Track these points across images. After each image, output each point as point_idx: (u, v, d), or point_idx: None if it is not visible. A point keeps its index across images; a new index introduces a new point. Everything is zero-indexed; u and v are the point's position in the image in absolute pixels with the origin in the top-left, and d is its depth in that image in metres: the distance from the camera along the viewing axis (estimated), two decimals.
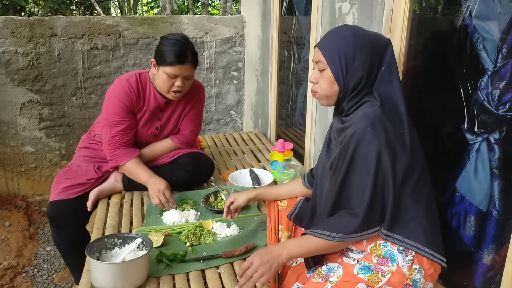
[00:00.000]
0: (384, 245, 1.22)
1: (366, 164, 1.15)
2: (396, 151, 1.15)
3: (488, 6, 1.21)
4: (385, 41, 1.26)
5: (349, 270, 1.22)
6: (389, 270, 1.19)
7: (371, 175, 1.15)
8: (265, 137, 3.17)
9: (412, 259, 1.19)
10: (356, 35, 1.22)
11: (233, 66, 3.74)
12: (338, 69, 1.22)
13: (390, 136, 1.15)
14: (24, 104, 3.20)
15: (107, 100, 1.97)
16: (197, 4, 11.01)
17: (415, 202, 1.19)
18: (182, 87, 1.89)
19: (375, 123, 1.15)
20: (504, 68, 1.17)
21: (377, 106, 1.18)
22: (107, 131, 1.95)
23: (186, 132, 2.14)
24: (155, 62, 1.90)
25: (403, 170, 1.16)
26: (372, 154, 1.14)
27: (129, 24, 3.32)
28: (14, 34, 3.03)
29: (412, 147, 1.19)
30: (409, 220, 1.19)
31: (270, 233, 1.55)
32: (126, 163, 1.96)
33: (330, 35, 1.27)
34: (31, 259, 2.77)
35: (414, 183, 1.19)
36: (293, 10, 2.68)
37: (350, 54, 1.20)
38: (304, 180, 1.63)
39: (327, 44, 1.25)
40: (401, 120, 1.20)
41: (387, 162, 1.14)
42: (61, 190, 1.96)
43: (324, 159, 1.42)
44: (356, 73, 1.21)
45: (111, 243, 1.48)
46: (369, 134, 1.14)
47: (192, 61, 1.89)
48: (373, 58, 1.21)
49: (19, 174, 3.36)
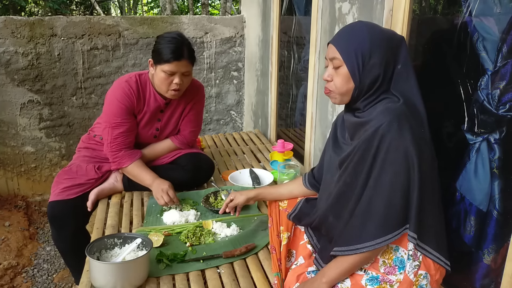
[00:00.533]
0: (396, 249, 1.18)
1: (392, 161, 1.11)
2: (422, 150, 1.12)
3: (488, 6, 1.21)
4: (399, 37, 1.24)
5: (356, 281, 1.20)
6: (396, 280, 1.16)
7: (398, 173, 1.11)
8: (265, 137, 3.16)
9: (419, 265, 1.17)
10: (372, 31, 1.20)
11: (233, 66, 3.74)
12: (355, 66, 1.19)
13: (415, 133, 1.12)
14: (24, 104, 3.20)
15: (107, 102, 1.97)
16: (197, 4, 11.01)
17: (430, 203, 1.16)
18: (180, 84, 1.89)
19: (401, 119, 1.12)
20: (504, 68, 1.17)
21: (401, 102, 1.16)
22: (109, 133, 1.94)
23: (186, 133, 2.14)
24: (152, 62, 1.91)
25: (428, 169, 1.13)
26: (399, 151, 1.10)
27: (129, 24, 3.32)
28: (14, 34, 3.03)
29: (432, 147, 1.17)
30: (426, 222, 1.16)
31: (272, 235, 1.55)
32: (128, 165, 1.96)
33: (345, 32, 1.24)
34: (31, 259, 2.77)
35: (431, 183, 1.16)
36: (293, 10, 2.67)
37: (367, 51, 1.18)
38: (305, 180, 1.63)
39: (342, 40, 1.23)
40: (421, 120, 1.18)
41: (414, 159, 1.10)
42: (61, 190, 1.96)
43: (331, 158, 1.39)
44: (372, 70, 1.18)
45: (111, 243, 1.48)
46: (394, 129, 1.10)
47: (188, 57, 1.89)
48: (389, 55, 1.19)
49: (19, 174, 3.36)
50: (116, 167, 1.99)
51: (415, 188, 1.12)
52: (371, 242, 1.13)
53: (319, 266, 1.33)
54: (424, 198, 1.14)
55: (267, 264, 1.51)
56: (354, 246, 1.15)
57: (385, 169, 1.13)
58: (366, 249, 1.14)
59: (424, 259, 1.17)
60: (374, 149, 1.13)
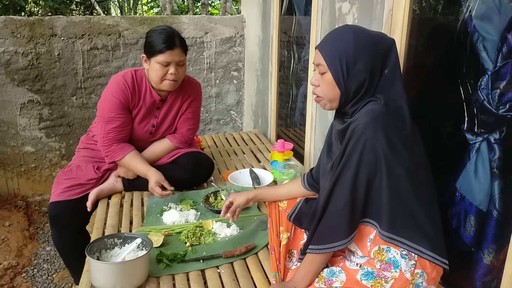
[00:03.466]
0: (387, 250, 1.19)
1: (362, 161, 1.13)
2: (397, 151, 1.13)
3: (488, 6, 1.21)
4: (389, 42, 1.22)
5: (352, 276, 1.20)
6: (392, 276, 1.17)
7: (364, 172, 1.13)
8: (265, 137, 3.16)
9: (415, 264, 1.17)
10: (357, 37, 1.18)
11: (233, 66, 3.74)
12: (339, 73, 1.18)
13: (392, 134, 1.12)
14: (24, 104, 3.20)
15: (102, 98, 1.98)
16: (197, 4, 11.01)
17: (419, 204, 1.17)
18: (176, 74, 1.90)
19: (378, 120, 1.12)
20: (504, 68, 1.17)
21: (382, 103, 1.16)
22: (102, 128, 1.95)
23: (184, 131, 2.14)
24: (146, 57, 1.92)
25: (404, 171, 1.14)
26: (370, 152, 1.12)
27: (129, 24, 3.32)
28: (14, 34, 3.03)
29: (414, 148, 1.17)
30: (412, 222, 1.17)
31: (272, 235, 1.54)
32: (121, 158, 1.97)
33: (330, 37, 1.24)
34: (31, 259, 2.77)
35: (418, 185, 1.16)
36: (293, 10, 2.68)
37: (352, 57, 1.17)
38: (304, 181, 1.63)
39: (327, 46, 1.22)
40: (404, 121, 1.18)
41: (385, 160, 1.11)
42: (62, 190, 1.96)
43: (325, 161, 1.41)
44: (357, 77, 1.18)
45: (111, 243, 1.48)
46: (369, 130, 1.12)
47: (181, 45, 1.90)
48: (375, 61, 1.18)
49: (19, 174, 3.36)
50: (110, 160, 2.00)
51: (384, 188, 1.13)
52: (338, 243, 1.18)
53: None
54: (407, 200, 1.15)
55: (267, 264, 1.51)
56: (321, 246, 1.19)
57: (354, 168, 1.14)
58: (331, 249, 1.19)
59: (419, 258, 1.18)
60: (349, 149, 1.15)
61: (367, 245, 1.22)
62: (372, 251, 1.21)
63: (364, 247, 1.23)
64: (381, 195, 1.15)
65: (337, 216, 1.18)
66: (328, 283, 1.22)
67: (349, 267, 1.23)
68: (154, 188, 1.91)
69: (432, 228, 1.18)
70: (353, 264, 1.24)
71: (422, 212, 1.17)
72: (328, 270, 1.25)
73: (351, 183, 1.15)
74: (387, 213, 1.15)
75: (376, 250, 1.21)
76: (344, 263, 1.26)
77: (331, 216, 1.19)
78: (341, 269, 1.24)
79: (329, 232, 1.19)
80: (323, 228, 1.21)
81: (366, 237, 1.22)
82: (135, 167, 1.99)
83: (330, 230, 1.19)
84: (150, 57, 1.89)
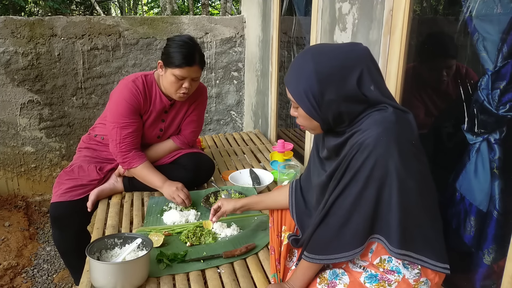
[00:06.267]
0: (389, 260, 1.16)
1: (373, 177, 1.06)
2: (408, 163, 1.06)
3: (488, 6, 1.21)
4: (358, 58, 1.10)
5: (355, 278, 1.19)
6: (395, 279, 1.15)
7: (373, 188, 1.07)
8: (265, 137, 3.17)
9: (419, 272, 1.15)
10: (319, 66, 1.08)
11: (233, 66, 3.74)
12: (310, 108, 1.12)
13: (403, 147, 1.06)
14: (24, 104, 3.20)
15: (114, 102, 1.95)
16: (197, 4, 11.01)
17: (425, 214, 1.12)
18: (189, 88, 1.90)
19: (391, 132, 1.05)
20: (504, 68, 1.17)
21: (390, 112, 1.09)
22: (117, 133, 1.93)
23: (187, 133, 2.15)
24: (162, 64, 1.90)
25: (414, 183, 1.08)
26: (382, 168, 1.05)
27: (129, 24, 3.32)
28: (14, 34, 3.03)
29: (419, 156, 1.12)
30: (419, 234, 1.12)
31: (272, 235, 1.53)
32: (138, 166, 1.97)
33: (293, 70, 1.15)
34: (31, 259, 2.77)
35: (425, 194, 1.12)
36: (293, 10, 2.68)
37: (317, 91, 1.09)
38: (292, 191, 1.55)
39: (292, 81, 1.15)
40: (411, 129, 1.11)
41: (396, 176, 1.05)
42: (64, 191, 1.96)
43: (314, 176, 1.33)
44: (331, 107, 1.10)
45: (111, 243, 1.48)
46: (382, 146, 1.04)
47: (199, 62, 1.89)
48: (347, 85, 1.08)
49: (19, 174, 3.36)
50: (127, 168, 1.98)
51: (395, 206, 1.07)
52: (341, 254, 1.14)
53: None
54: (415, 214, 1.10)
55: (267, 264, 1.51)
56: (321, 256, 1.17)
57: (368, 185, 1.08)
58: (335, 261, 1.16)
59: (422, 267, 1.15)
60: (357, 165, 1.08)
61: (369, 256, 1.19)
62: (374, 262, 1.19)
63: (365, 258, 1.20)
64: (390, 211, 1.09)
65: (337, 228, 1.13)
66: (331, 285, 1.20)
67: (353, 269, 1.21)
68: (179, 194, 1.91)
69: (435, 235, 1.15)
70: (357, 266, 1.22)
71: (428, 221, 1.14)
72: (330, 271, 1.23)
73: (357, 197, 1.09)
74: (396, 229, 1.10)
75: (378, 263, 1.18)
76: (347, 264, 1.24)
77: (329, 228, 1.15)
78: (344, 271, 1.22)
79: (329, 243, 1.15)
80: (321, 239, 1.17)
81: (367, 249, 1.19)
82: (150, 177, 1.98)
83: (331, 242, 1.15)
84: (166, 66, 1.87)
